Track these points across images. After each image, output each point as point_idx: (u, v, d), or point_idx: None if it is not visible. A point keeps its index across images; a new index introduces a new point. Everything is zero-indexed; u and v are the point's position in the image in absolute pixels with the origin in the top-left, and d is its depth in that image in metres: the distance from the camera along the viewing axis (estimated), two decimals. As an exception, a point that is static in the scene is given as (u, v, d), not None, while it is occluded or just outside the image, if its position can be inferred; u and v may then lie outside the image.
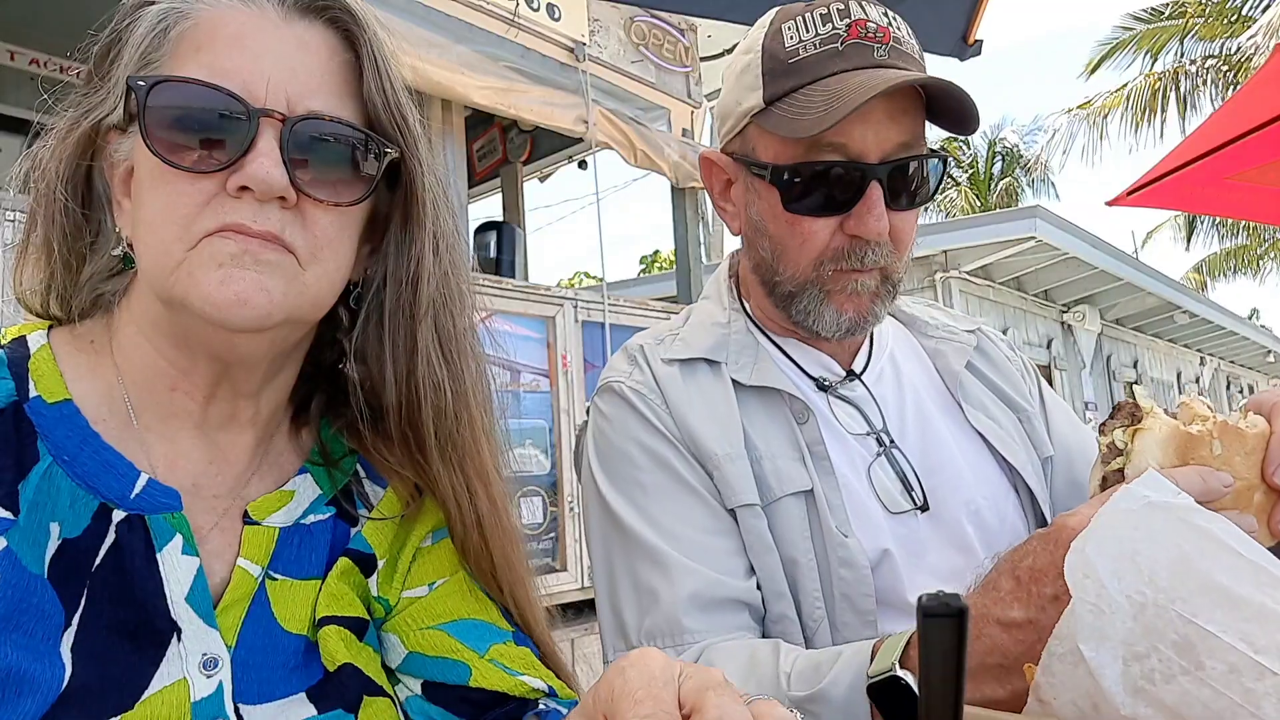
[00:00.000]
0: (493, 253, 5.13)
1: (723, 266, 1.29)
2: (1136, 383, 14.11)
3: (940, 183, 1.09)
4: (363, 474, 0.86)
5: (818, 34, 1.03)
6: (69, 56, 0.82)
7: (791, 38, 1.05)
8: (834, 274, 1.07)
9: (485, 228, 5.29)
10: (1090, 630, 0.60)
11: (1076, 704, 0.61)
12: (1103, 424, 0.77)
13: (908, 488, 1.08)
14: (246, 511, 0.77)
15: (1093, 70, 20.14)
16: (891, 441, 1.11)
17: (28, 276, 0.79)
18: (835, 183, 1.03)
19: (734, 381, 1.11)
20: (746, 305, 1.22)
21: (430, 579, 0.85)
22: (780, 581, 1.02)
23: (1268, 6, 16.58)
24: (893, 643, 0.79)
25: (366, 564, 0.82)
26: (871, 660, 0.80)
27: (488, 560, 0.84)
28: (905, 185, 1.05)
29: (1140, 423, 0.73)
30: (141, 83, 0.68)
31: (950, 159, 1.22)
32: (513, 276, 5.02)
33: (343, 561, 0.81)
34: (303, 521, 0.80)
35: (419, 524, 0.87)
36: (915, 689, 0.74)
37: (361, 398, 0.81)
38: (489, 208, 7.71)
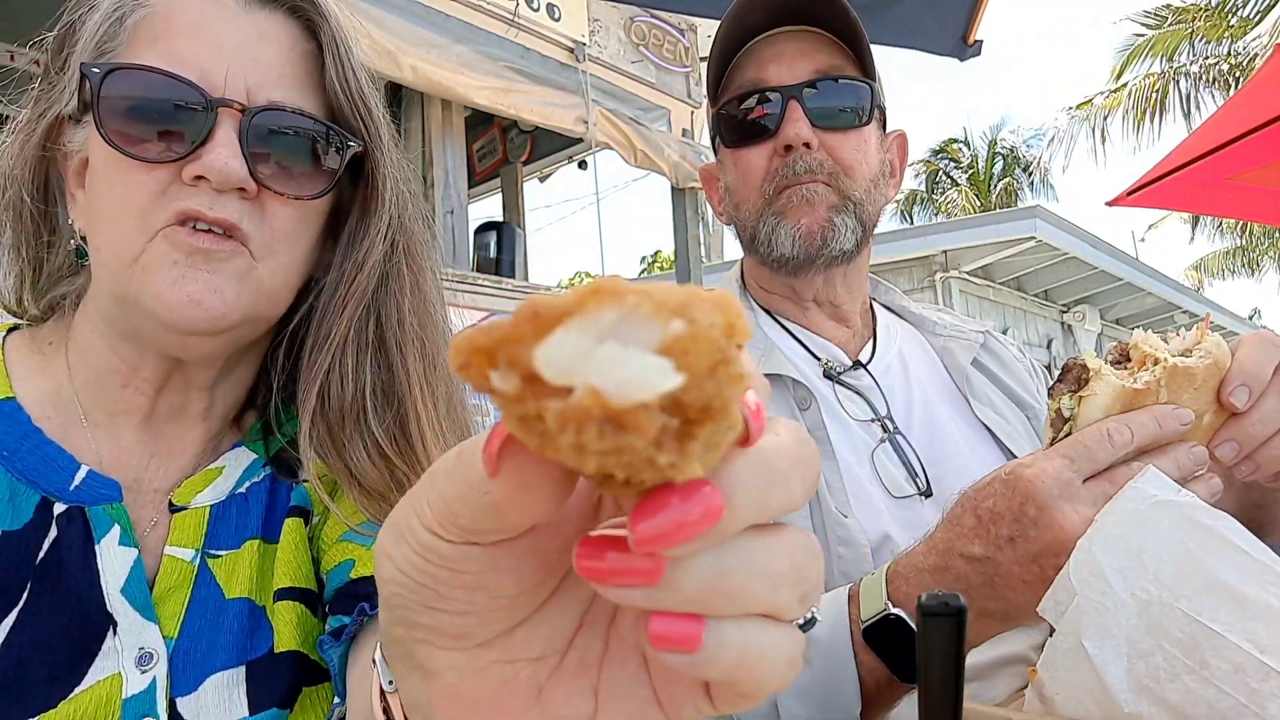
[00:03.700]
0: (493, 253, 5.13)
1: (734, 269, 1.35)
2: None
3: (873, 107, 1.17)
4: None
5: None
6: (28, 47, 0.80)
7: None
8: (778, 193, 1.14)
9: (485, 228, 5.29)
10: (1095, 627, 0.60)
11: (1079, 701, 0.61)
12: (1051, 388, 0.76)
13: (912, 474, 1.10)
14: (170, 500, 0.75)
15: (1118, 76, 20.22)
16: (895, 429, 1.13)
17: (1, 277, 0.78)
18: (759, 109, 1.14)
19: None
20: (757, 300, 1.27)
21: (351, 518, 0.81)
22: None
23: (1267, 9, 16.59)
24: (872, 585, 0.81)
25: (306, 518, 0.81)
26: (849, 604, 0.82)
27: None
28: (829, 106, 1.13)
29: (1085, 386, 0.73)
30: (95, 70, 0.66)
31: (948, 157, 1.26)
32: (513, 276, 5.01)
33: (292, 522, 0.78)
34: (237, 491, 0.78)
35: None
36: (912, 625, 0.76)
37: (278, 381, 0.79)
38: (489, 208, 7.70)
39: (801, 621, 0.32)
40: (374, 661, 0.39)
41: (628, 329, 0.22)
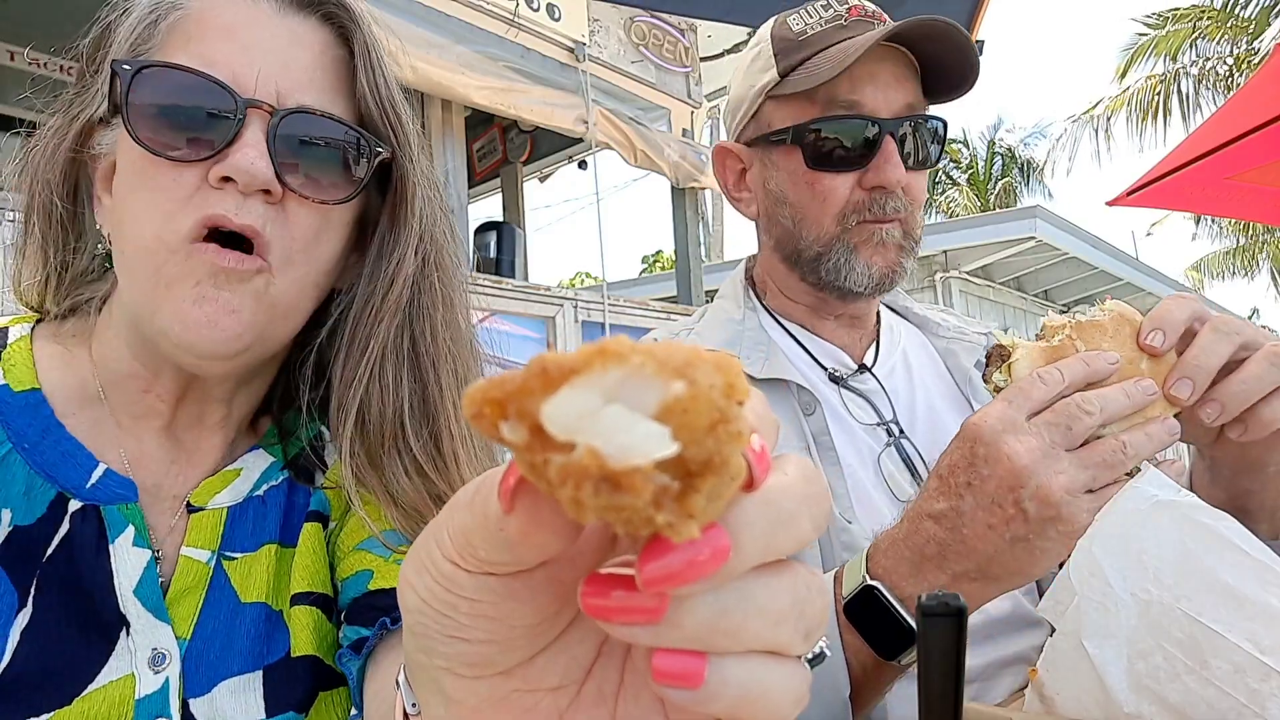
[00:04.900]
0: (493, 253, 5.14)
1: (739, 269, 1.33)
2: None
3: (943, 148, 1.16)
4: (327, 436, 0.84)
5: (822, 16, 1.14)
6: (63, 54, 0.79)
7: (797, 23, 1.15)
8: (858, 225, 1.12)
9: (485, 228, 5.30)
10: (1095, 627, 0.60)
11: (1079, 701, 0.61)
12: (983, 374, 0.80)
13: (916, 477, 1.10)
14: (189, 501, 0.75)
15: (1122, 75, 20.26)
16: (901, 432, 1.13)
17: (26, 277, 0.78)
18: (852, 137, 1.11)
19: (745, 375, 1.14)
20: (763, 302, 1.26)
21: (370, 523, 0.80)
22: None
23: (1269, 8, 16.59)
24: (854, 564, 0.82)
25: (324, 523, 0.81)
26: (834, 585, 0.82)
27: None
28: (915, 144, 1.12)
29: (1009, 359, 0.78)
30: (127, 67, 0.66)
31: (949, 157, 1.27)
32: (513, 276, 5.02)
33: (311, 527, 0.78)
34: (255, 494, 0.78)
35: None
36: (889, 597, 0.77)
37: (305, 398, 0.79)
38: (489, 208, 7.73)
39: (810, 656, 0.33)
40: (398, 684, 0.40)
41: (631, 389, 0.23)
